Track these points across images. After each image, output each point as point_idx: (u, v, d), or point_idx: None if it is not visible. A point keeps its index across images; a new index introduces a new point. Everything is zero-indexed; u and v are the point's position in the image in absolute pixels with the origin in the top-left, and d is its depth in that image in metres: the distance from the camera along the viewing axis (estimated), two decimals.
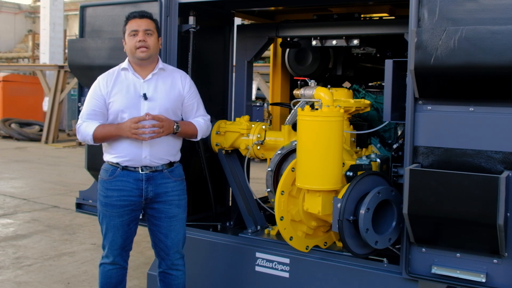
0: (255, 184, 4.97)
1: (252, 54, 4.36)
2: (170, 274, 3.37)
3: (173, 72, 3.35)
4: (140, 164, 3.18)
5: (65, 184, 8.93)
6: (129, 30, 3.18)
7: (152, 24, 3.23)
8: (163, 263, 3.37)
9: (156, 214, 3.27)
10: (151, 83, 3.21)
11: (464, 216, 2.78)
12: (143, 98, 3.16)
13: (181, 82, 3.31)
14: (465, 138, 2.85)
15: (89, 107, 3.20)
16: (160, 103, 3.19)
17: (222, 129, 4.06)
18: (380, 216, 3.16)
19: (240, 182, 4.10)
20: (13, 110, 16.35)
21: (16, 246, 5.59)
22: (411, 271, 3.07)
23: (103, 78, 3.23)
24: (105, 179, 3.22)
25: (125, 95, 3.16)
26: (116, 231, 3.22)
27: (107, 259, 3.28)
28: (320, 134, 3.13)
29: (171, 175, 3.27)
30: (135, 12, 3.24)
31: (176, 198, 3.29)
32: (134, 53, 3.17)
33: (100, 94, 3.19)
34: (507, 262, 2.82)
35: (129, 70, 3.22)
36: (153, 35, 3.20)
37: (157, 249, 3.37)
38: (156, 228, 3.30)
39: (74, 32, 24.52)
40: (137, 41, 3.15)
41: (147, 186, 3.20)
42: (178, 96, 3.28)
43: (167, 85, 3.25)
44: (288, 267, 3.53)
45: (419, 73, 2.83)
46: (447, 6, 2.81)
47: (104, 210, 3.22)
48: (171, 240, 3.30)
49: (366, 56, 4.55)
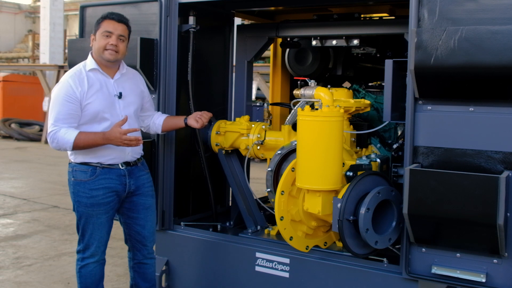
0: (255, 184, 4.97)
1: (252, 54, 4.36)
2: (145, 264, 3.51)
3: (132, 72, 3.49)
4: (122, 161, 3.29)
5: (65, 184, 8.82)
6: (104, 29, 3.21)
7: (126, 30, 3.30)
8: (139, 254, 3.49)
9: (133, 207, 3.40)
10: (120, 82, 3.32)
11: (464, 216, 2.78)
12: (118, 97, 3.26)
13: (140, 81, 3.50)
14: (465, 138, 2.85)
15: (65, 111, 3.09)
16: (132, 101, 3.35)
17: (222, 129, 4.06)
18: (380, 216, 3.16)
19: (240, 182, 4.10)
20: (13, 110, 16.35)
21: (16, 246, 5.59)
22: (411, 271, 3.07)
23: (73, 80, 3.14)
24: (86, 180, 3.23)
25: (102, 96, 3.21)
26: (103, 228, 3.29)
27: (93, 258, 3.30)
28: (320, 134, 3.13)
29: (143, 167, 3.46)
30: (114, 14, 3.28)
31: (150, 189, 3.47)
32: (101, 53, 3.21)
33: (75, 96, 3.11)
34: (507, 262, 2.82)
35: (98, 70, 3.25)
36: (124, 42, 3.29)
37: (132, 242, 3.48)
38: (132, 221, 3.42)
39: (74, 32, 24.55)
40: (109, 44, 3.20)
41: (130, 180, 3.32)
42: (141, 93, 3.47)
43: (133, 84, 3.41)
44: (288, 267, 3.53)
45: (419, 73, 2.83)
46: (447, 6, 2.81)
47: (90, 211, 3.23)
48: (148, 230, 3.45)
49: (366, 56, 4.55)
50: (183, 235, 3.96)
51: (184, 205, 4.25)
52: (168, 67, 3.83)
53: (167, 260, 4.00)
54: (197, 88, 4.14)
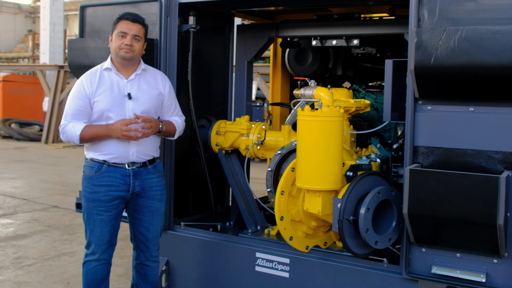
0: (255, 184, 4.97)
1: (252, 54, 4.36)
2: (148, 266, 3.51)
3: (154, 73, 3.46)
4: (127, 161, 3.29)
5: (65, 184, 8.93)
6: (119, 30, 3.26)
7: (142, 30, 3.31)
8: (141, 255, 3.50)
9: (139, 209, 3.40)
10: (134, 83, 3.31)
11: (464, 216, 2.77)
12: (128, 98, 3.26)
13: (162, 83, 3.45)
14: (465, 138, 2.85)
15: (74, 107, 3.25)
16: (143, 102, 3.30)
17: (222, 129, 4.06)
18: (380, 216, 3.16)
19: (240, 182, 4.10)
20: (13, 110, 16.35)
21: (16, 246, 5.59)
22: (411, 271, 3.07)
23: (86, 78, 3.28)
24: (91, 176, 3.29)
25: (110, 95, 3.25)
26: (104, 226, 3.30)
27: (93, 256, 3.34)
28: (320, 134, 3.13)
29: (155, 170, 3.41)
30: (129, 14, 3.31)
31: (159, 193, 3.44)
32: (117, 52, 3.26)
33: (84, 94, 3.24)
34: (507, 262, 2.82)
35: (112, 70, 3.30)
36: (140, 41, 3.30)
37: (137, 242, 3.50)
38: (137, 222, 3.44)
39: (74, 32, 24.54)
40: (124, 44, 3.23)
41: (134, 181, 3.31)
42: (159, 96, 3.41)
43: (149, 85, 3.37)
44: (288, 267, 3.53)
45: (419, 73, 2.83)
46: (447, 6, 2.81)
47: (91, 206, 3.28)
48: (152, 233, 3.46)
49: (366, 56, 4.55)
50: (183, 235, 3.96)
51: (184, 205, 4.25)
52: (168, 67, 3.83)
53: (167, 260, 4.00)
54: (197, 88, 4.14)
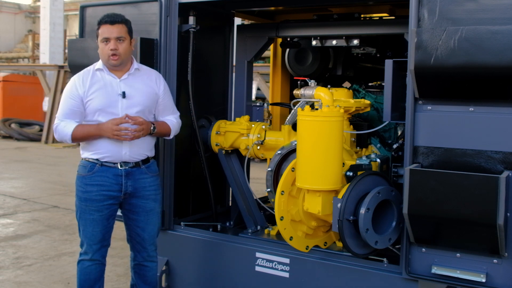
0: (255, 184, 4.97)
1: (252, 54, 4.36)
2: (145, 266, 3.51)
3: (148, 72, 3.44)
4: (120, 160, 3.28)
5: (65, 184, 8.92)
6: (101, 36, 3.24)
7: (123, 28, 3.26)
8: (138, 256, 3.49)
9: (133, 209, 3.39)
10: (127, 82, 3.31)
11: (464, 216, 2.77)
12: (121, 97, 3.25)
13: (156, 82, 3.42)
14: (465, 138, 2.85)
15: (66, 106, 3.26)
16: (137, 102, 3.29)
17: (222, 129, 4.06)
18: (380, 216, 3.16)
19: (240, 182, 4.10)
20: (13, 110, 16.34)
21: (16, 246, 5.59)
22: (411, 271, 3.07)
23: (79, 78, 3.29)
24: (83, 175, 3.29)
25: (103, 94, 3.24)
26: (95, 226, 3.29)
27: (86, 255, 3.34)
28: (320, 134, 3.13)
29: (148, 170, 3.39)
30: (108, 16, 3.26)
31: (153, 193, 3.41)
32: (106, 59, 3.25)
33: (76, 93, 3.24)
34: (507, 262, 2.82)
35: (105, 70, 3.29)
36: (125, 41, 3.26)
37: (133, 243, 3.49)
38: (133, 223, 3.42)
39: (74, 32, 24.53)
40: (109, 49, 3.21)
41: (126, 181, 3.31)
42: (154, 95, 3.39)
43: (143, 84, 3.36)
44: (288, 267, 3.53)
45: (419, 73, 2.83)
46: (447, 6, 2.81)
47: (84, 205, 3.28)
48: (148, 234, 3.44)
49: (366, 56, 4.55)
50: (183, 235, 3.96)
51: (184, 205, 4.25)
52: (168, 67, 3.83)
53: (167, 260, 4.00)
54: (197, 88, 4.14)
